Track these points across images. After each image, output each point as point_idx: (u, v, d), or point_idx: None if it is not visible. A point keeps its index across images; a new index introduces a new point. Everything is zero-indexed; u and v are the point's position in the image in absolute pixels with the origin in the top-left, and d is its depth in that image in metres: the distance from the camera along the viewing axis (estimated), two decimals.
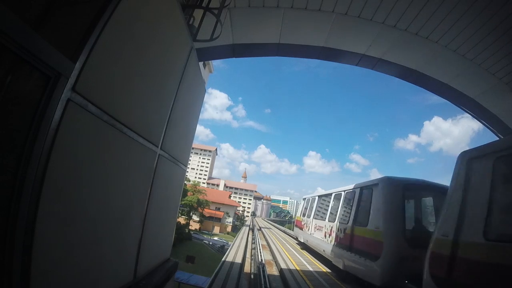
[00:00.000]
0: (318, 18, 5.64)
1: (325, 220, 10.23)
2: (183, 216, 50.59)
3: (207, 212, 62.25)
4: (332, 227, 9.06)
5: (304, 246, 14.25)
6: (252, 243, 18.05)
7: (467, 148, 4.33)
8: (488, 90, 6.62)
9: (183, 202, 48.18)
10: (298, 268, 9.51)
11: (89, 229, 1.78)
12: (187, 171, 5.46)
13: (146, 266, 2.93)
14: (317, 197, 12.77)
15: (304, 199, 15.60)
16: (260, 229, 31.22)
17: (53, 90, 1.34)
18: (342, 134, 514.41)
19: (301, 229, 14.59)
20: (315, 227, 11.56)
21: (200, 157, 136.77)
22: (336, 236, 8.36)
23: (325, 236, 9.63)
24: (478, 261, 3.08)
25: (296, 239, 17.02)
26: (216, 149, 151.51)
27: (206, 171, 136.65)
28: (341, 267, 7.57)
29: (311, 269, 9.66)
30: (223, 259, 11.13)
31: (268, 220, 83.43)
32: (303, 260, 11.33)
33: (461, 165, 3.78)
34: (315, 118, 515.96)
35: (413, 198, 6.86)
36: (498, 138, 7.51)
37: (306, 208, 14.40)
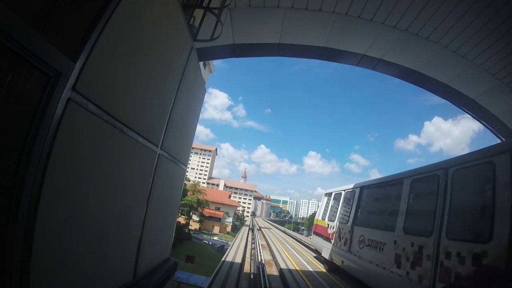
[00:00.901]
0: (319, 18, 5.65)
1: (393, 232, 5.47)
2: (183, 216, 50.56)
3: (207, 212, 62.19)
4: (421, 248, 4.56)
5: (332, 267, 9.00)
6: (252, 243, 18.08)
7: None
8: (488, 91, 6.63)
9: (183, 202, 48.16)
10: (297, 268, 9.53)
11: (89, 228, 1.78)
12: (187, 171, 5.45)
13: (146, 265, 2.93)
14: (357, 190, 7.96)
15: (329, 194, 10.47)
16: (260, 229, 31.29)
17: (53, 90, 1.33)
18: (342, 134, 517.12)
19: (327, 239, 9.51)
20: (361, 242, 6.80)
21: (200, 157, 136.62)
22: (444, 269, 3.95)
23: (398, 264, 5.06)
24: None
25: (320, 253, 10.74)
26: (216, 149, 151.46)
27: (206, 171, 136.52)
28: None
29: (310, 269, 9.67)
30: (222, 259, 11.15)
31: (268, 220, 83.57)
32: (302, 260, 11.33)
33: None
34: (316, 118, 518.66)
35: None
36: (498, 139, 7.53)
37: (334, 208, 9.72)
